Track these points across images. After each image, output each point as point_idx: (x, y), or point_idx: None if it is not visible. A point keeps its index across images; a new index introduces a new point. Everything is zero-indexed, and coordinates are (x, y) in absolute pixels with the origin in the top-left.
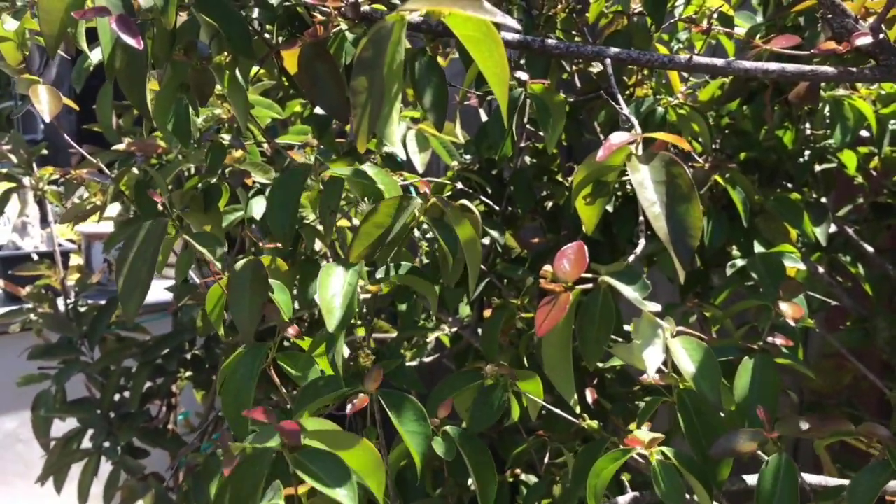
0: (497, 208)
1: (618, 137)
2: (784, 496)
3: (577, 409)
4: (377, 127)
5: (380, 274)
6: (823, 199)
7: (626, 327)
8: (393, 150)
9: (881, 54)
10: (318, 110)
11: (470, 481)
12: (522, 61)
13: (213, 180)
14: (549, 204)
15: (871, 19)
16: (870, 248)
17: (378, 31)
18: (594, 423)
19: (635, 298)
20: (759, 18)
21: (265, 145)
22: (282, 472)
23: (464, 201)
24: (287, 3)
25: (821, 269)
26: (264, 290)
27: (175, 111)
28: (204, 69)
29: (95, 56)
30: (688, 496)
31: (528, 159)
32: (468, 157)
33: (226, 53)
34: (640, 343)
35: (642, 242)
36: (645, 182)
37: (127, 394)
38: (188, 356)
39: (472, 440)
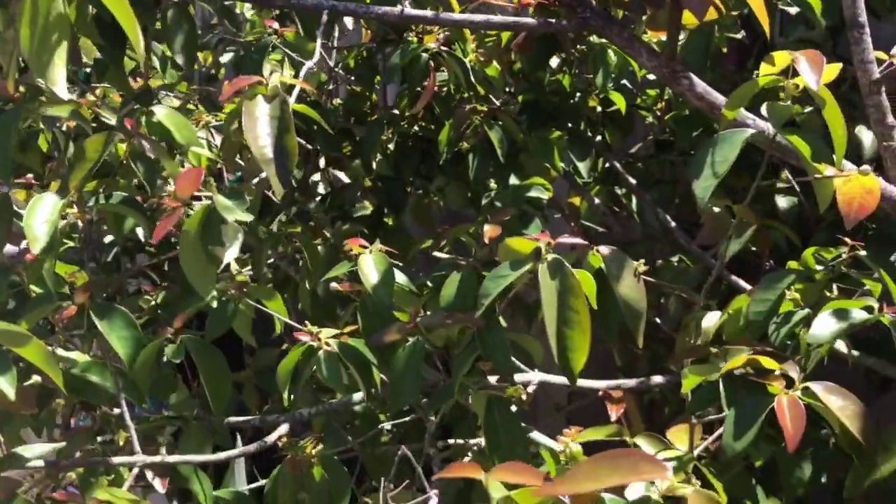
0: None
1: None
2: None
3: None
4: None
5: None
6: (599, 137)
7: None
8: None
9: (578, 7)
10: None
11: None
12: None
13: None
14: None
15: None
16: (632, 181)
17: None
18: None
19: None
20: None
21: None
22: None
23: None
24: None
25: (597, 201)
26: None
27: None
28: None
29: None
30: None
31: None
32: None
33: None
34: None
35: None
36: (261, 117)
37: None
38: None
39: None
